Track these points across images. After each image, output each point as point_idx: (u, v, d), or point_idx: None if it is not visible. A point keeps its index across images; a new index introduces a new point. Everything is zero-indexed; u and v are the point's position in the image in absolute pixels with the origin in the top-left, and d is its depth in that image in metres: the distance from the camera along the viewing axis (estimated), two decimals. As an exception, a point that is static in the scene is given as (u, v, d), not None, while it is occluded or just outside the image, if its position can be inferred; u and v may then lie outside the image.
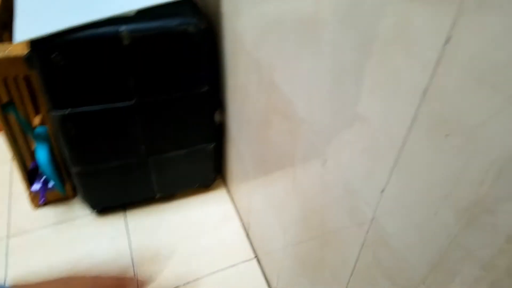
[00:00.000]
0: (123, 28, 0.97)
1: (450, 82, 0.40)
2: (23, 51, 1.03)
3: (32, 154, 1.37)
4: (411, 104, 0.45)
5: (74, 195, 1.45)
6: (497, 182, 0.37)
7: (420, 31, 0.42)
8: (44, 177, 1.36)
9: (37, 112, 1.36)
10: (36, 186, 1.35)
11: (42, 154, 1.22)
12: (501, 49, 0.34)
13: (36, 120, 1.38)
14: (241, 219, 1.40)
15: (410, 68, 0.45)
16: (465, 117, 0.39)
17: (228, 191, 1.50)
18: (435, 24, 0.40)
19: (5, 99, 1.14)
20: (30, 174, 1.36)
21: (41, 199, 1.36)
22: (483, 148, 0.38)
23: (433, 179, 0.45)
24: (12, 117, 1.19)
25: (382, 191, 0.54)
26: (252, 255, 1.30)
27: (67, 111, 1.06)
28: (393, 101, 0.49)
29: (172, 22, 1.03)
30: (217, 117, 1.39)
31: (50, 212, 1.40)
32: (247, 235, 1.35)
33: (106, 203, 1.39)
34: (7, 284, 0.45)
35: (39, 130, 1.24)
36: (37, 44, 0.94)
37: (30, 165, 1.36)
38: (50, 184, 1.36)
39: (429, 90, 0.42)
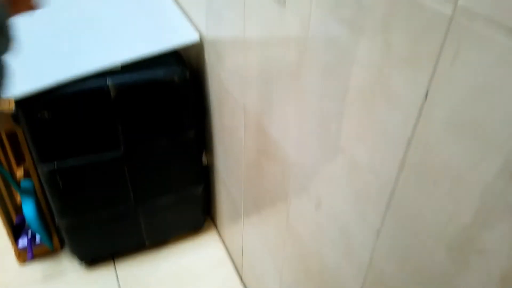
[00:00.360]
0: (109, 81, 0.99)
1: (433, 132, 0.42)
2: (7, 107, 1.03)
3: (17, 208, 1.34)
4: (398, 151, 0.48)
5: (61, 247, 1.41)
6: (486, 224, 0.40)
7: (399, 86, 0.45)
8: (30, 232, 1.32)
9: (19, 163, 1.35)
10: (23, 241, 1.31)
11: (28, 209, 1.20)
12: (476, 103, 0.37)
13: (19, 172, 1.37)
14: (233, 262, 1.39)
15: (393, 119, 0.48)
16: (450, 165, 0.41)
17: (219, 234, 1.50)
18: (413, 80, 0.43)
19: (-10, 155, 1.13)
20: (16, 229, 1.32)
21: (29, 255, 1.33)
22: (470, 193, 0.40)
23: (425, 222, 0.47)
24: (-3, 173, 1.18)
25: (378, 234, 0.56)
26: (248, 298, 1.28)
27: (54, 165, 1.05)
28: (380, 148, 0.51)
29: (157, 73, 1.05)
30: (204, 158, 1.40)
31: (37, 267, 1.36)
32: (241, 278, 1.34)
33: (95, 254, 1.36)
34: None
35: (25, 184, 1.23)
36: (23, 102, 0.95)
37: (15, 219, 1.33)
38: (38, 238, 1.33)
39: (414, 139, 0.45)
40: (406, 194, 0.49)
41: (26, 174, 1.31)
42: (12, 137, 1.17)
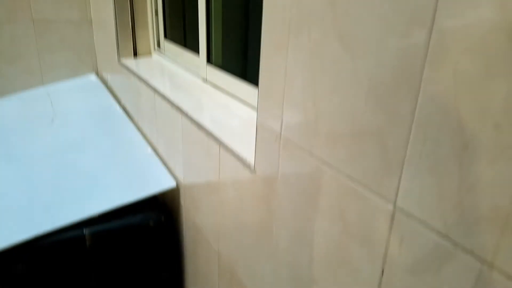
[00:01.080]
0: (86, 231, 1.01)
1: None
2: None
3: None
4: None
5: None
6: None
7: (358, 260, 0.51)
8: None
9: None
10: None
11: None
12: None
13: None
14: None
15: (358, 288, 0.52)
16: None
17: None
18: (369, 256, 0.49)
19: None
20: None
21: None
22: None
23: None
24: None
25: None
26: None
27: (19, 322, 1.00)
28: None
29: (133, 219, 1.09)
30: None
31: None
32: None
33: None
34: None
35: None
36: (-4, 256, 0.95)
37: None
38: None
39: (378, 312, 0.49)
40: None
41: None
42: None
